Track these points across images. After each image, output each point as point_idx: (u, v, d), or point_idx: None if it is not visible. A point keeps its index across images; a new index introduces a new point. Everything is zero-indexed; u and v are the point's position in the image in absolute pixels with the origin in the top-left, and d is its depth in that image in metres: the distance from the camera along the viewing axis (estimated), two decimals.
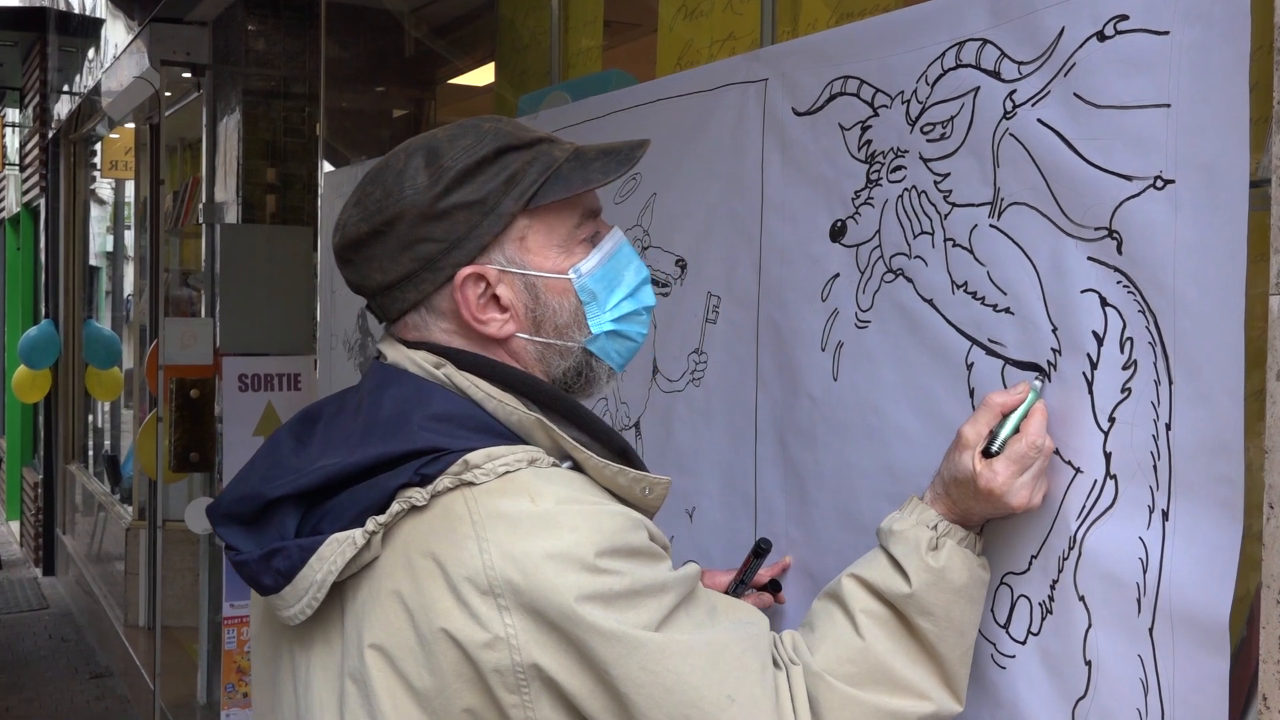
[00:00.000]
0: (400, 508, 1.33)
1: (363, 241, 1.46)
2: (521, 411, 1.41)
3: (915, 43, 1.70)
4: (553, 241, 1.47)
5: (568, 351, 1.49)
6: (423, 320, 1.47)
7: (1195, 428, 1.34)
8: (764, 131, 2.00)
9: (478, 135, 1.45)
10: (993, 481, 1.45)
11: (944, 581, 1.47)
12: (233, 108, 6.25)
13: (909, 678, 1.45)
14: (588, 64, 3.55)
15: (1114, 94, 1.41)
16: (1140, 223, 1.39)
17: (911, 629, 1.47)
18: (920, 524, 1.50)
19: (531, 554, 1.28)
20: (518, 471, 1.34)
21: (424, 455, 1.34)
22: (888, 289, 1.75)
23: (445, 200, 1.42)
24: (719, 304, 2.11)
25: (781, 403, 1.96)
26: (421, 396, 1.40)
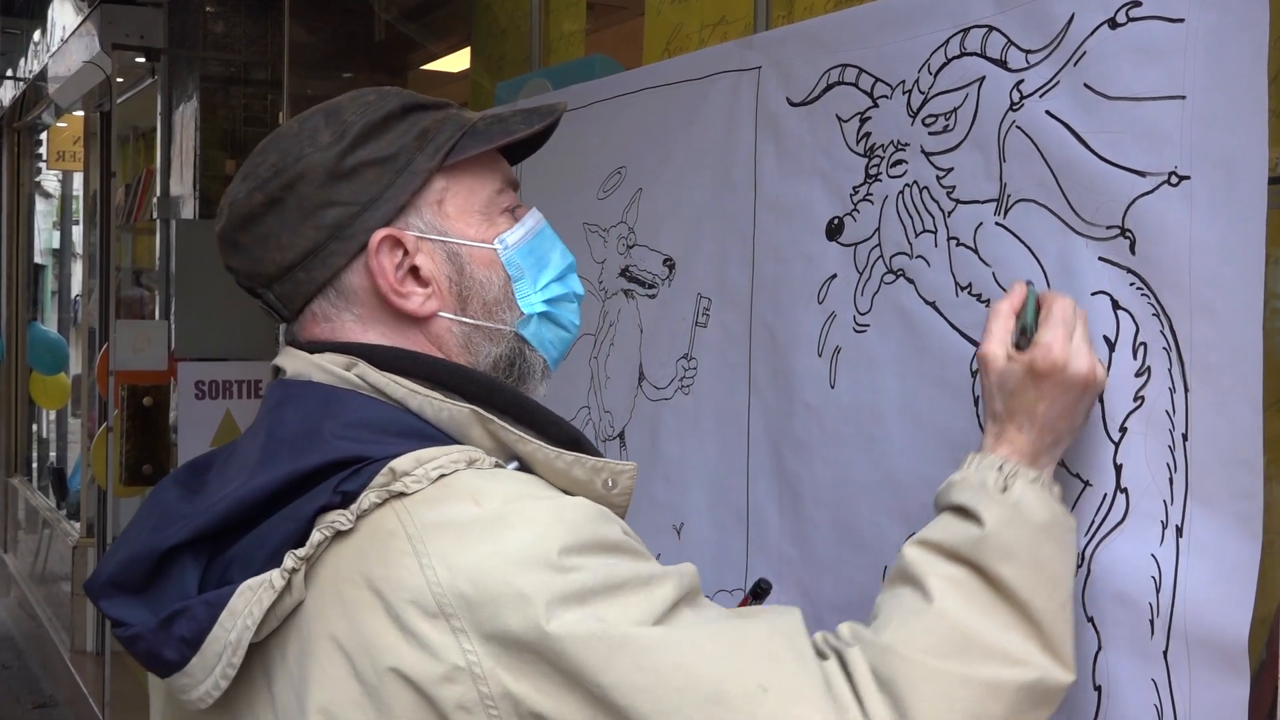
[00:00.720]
0: (322, 536, 1.21)
1: (255, 215, 1.37)
2: (453, 406, 1.32)
3: (917, 29, 1.72)
4: (473, 206, 1.42)
5: (498, 335, 1.42)
6: (331, 308, 1.39)
7: (1212, 438, 1.36)
8: (757, 123, 2.02)
9: (380, 94, 1.41)
10: (1050, 353, 1.37)
11: (1022, 517, 1.34)
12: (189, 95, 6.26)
13: (999, 642, 1.28)
14: (570, 49, 3.56)
15: (1126, 85, 1.43)
16: (1154, 221, 1.41)
17: (994, 583, 1.32)
18: (984, 468, 1.39)
19: (483, 562, 1.16)
20: (455, 474, 1.23)
21: (341, 468, 1.23)
22: (888, 290, 1.77)
23: (352, 156, 1.36)
24: (709, 306, 2.13)
25: (776, 411, 1.98)
26: (332, 405, 1.31)
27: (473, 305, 1.41)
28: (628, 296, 2.33)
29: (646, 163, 2.30)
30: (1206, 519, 1.36)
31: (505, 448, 1.33)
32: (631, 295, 2.32)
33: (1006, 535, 1.33)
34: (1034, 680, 1.28)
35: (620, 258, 2.35)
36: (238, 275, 1.43)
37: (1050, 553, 1.34)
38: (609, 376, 2.37)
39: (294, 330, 1.43)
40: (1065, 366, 1.38)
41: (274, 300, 1.41)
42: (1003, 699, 1.26)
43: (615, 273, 2.36)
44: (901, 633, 1.28)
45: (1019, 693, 1.27)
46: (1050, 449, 1.41)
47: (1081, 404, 1.42)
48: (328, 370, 1.35)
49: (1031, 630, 1.31)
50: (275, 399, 1.36)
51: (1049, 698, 1.30)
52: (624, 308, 2.34)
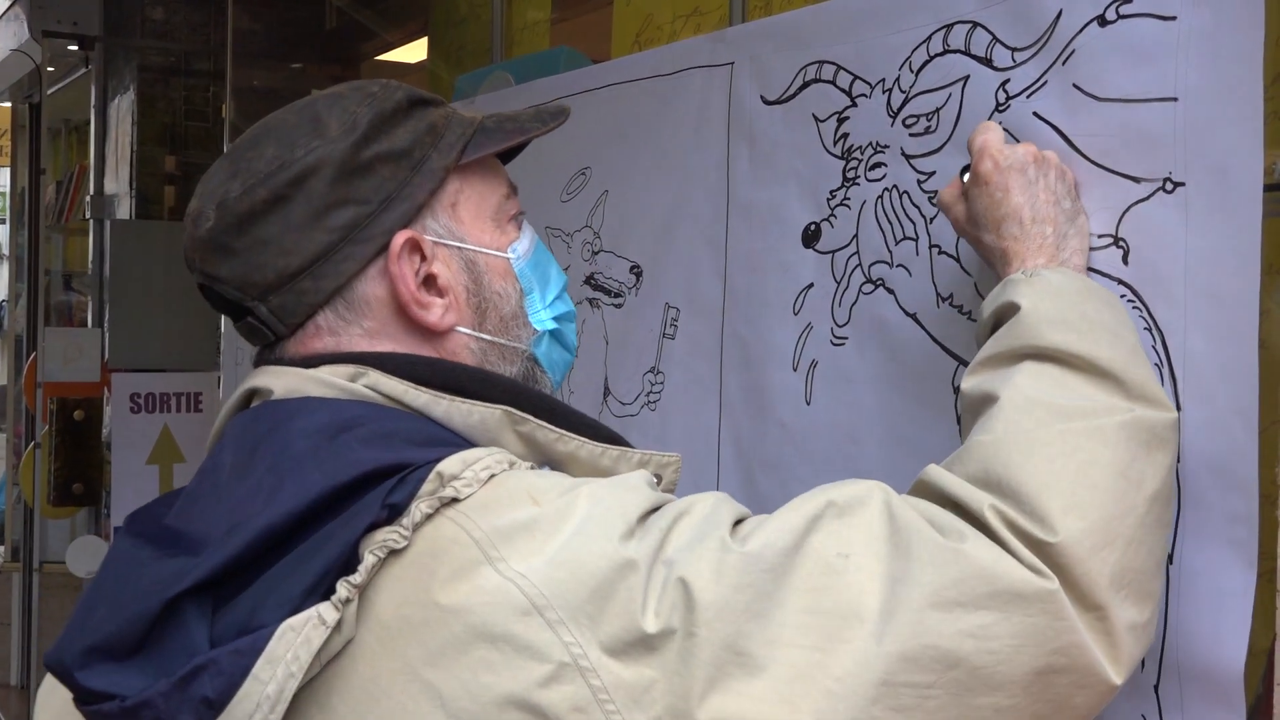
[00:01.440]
0: (376, 558, 1.14)
1: (254, 216, 1.31)
2: (483, 408, 1.29)
3: (898, 24, 1.73)
4: (484, 212, 1.41)
5: (512, 354, 1.42)
6: (339, 320, 1.34)
7: (1206, 460, 1.37)
8: (729, 122, 2.03)
9: (382, 85, 1.38)
10: (982, 148, 1.47)
11: (1054, 287, 1.38)
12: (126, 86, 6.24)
13: (1077, 401, 1.32)
14: (534, 40, 3.58)
15: (1117, 85, 1.45)
16: (1149, 229, 1.43)
17: (1051, 356, 1.35)
18: (1003, 284, 1.43)
19: (564, 546, 1.14)
20: (503, 474, 1.21)
21: (381, 479, 1.18)
22: (867, 301, 1.79)
23: (368, 149, 1.32)
24: (678, 317, 2.14)
25: (748, 429, 1.99)
26: (344, 418, 1.25)
27: (490, 319, 1.40)
28: (592, 306, 2.34)
29: (613, 163, 2.31)
30: (1199, 546, 1.38)
31: (540, 451, 1.32)
32: (596, 304, 2.33)
33: (1045, 305, 1.37)
34: (1130, 420, 1.30)
35: (585, 264, 2.36)
36: (223, 286, 1.35)
37: (1096, 308, 1.38)
38: (572, 391, 2.38)
39: (282, 348, 1.37)
40: (999, 149, 1.46)
41: (267, 314, 1.34)
42: (1107, 441, 1.29)
43: (579, 280, 2.37)
44: (976, 437, 1.33)
45: (1121, 432, 1.30)
46: (1060, 241, 1.45)
47: (1050, 181, 1.46)
48: (329, 383, 1.29)
49: (1108, 383, 1.33)
50: (268, 422, 1.27)
51: (1158, 436, 1.32)
52: (588, 317, 2.35)
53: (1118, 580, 1.24)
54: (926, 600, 1.17)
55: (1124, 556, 1.25)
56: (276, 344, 1.37)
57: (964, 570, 1.19)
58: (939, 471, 1.32)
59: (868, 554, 1.18)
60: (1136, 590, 1.26)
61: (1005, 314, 1.41)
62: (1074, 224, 1.47)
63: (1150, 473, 1.30)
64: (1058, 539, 1.22)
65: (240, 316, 1.37)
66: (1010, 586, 1.19)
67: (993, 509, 1.24)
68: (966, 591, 1.18)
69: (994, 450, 1.29)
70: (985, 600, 1.18)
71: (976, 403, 1.39)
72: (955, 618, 1.17)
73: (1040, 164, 1.46)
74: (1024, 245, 1.44)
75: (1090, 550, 1.23)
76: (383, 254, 1.33)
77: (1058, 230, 1.45)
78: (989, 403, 1.36)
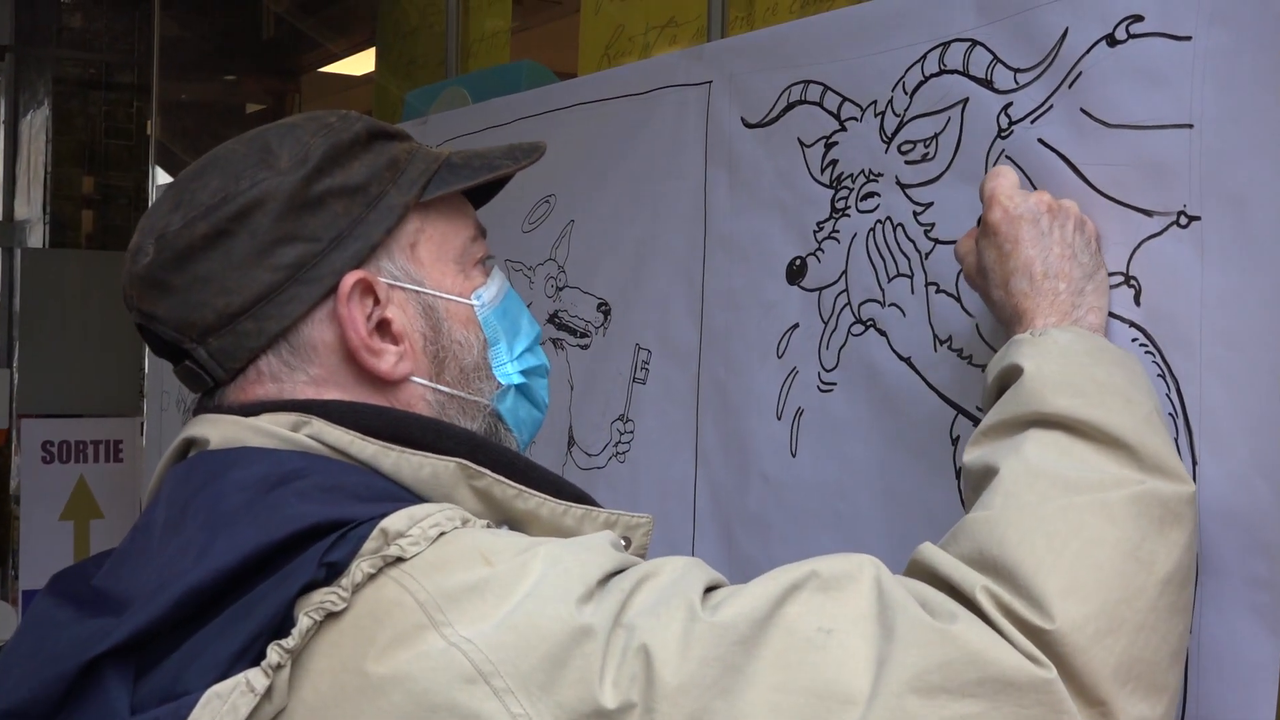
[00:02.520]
0: (312, 621, 1.15)
1: (194, 251, 1.33)
2: (435, 460, 1.31)
3: (890, 41, 1.76)
4: (447, 254, 1.43)
5: (473, 409, 1.43)
6: (282, 366, 1.37)
7: (1225, 520, 1.39)
8: (707, 147, 2.05)
9: (341, 116, 1.41)
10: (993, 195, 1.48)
11: (1061, 348, 1.39)
12: (40, 100, 6.24)
13: (1085, 472, 1.31)
14: (493, 52, 3.59)
15: (1128, 110, 1.48)
16: (1163, 267, 1.45)
17: (1057, 422, 1.35)
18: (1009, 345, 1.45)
19: (516, 609, 1.14)
20: (454, 532, 1.21)
21: (319, 536, 1.19)
22: (857, 344, 1.81)
23: (320, 183, 1.35)
24: (650, 359, 2.15)
25: (727, 484, 2.00)
26: (283, 471, 1.26)
27: (449, 370, 1.41)
28: (556, 347, 2.35)
29: (579, 190, 2.33)
30: (1219, 613, 1.39)
31: (498, 508, 1.33)
32: (560, 345, 2.34)
33: (1050, 368, 1.37)
34: (1142, 493, 1.29)
35: (548, 301, 2.37)
36: (160, 326, 1.37)
37: (1106, 371, 1.38)
38: (534, 441, 2.39)
39: (222, 395, 1.38)
40: (1012, 196, 1.47)
41: (206, 358, 1.36)
42: (1115, 518, 1.28)
43: (542, 318, 2.37)
44: (973, 513, 1.32)
45: (1131, 507, 1.29)
46: (1075, 298, 1.46)
47: (1068, 233, 1.47)
48: (269, 433, 1.31)
49: (1119, 453, 1.33)
50: (204, 474, 1.29)
51: (1173, 512, 1.31)
52: (552, 359, 2.35)
53: (1124, 672, 1.22)
54: (907, 684, 1.15)
55: (1132, 646, 1.23)
56: (216, 390, 1.39)
57: (951, 653, 1.17)
58: (932, 550, 1.31)
59: (854, 632, 1.18)
60: (1147, 683, 1.24)
61: (1009, 378, 1.42)
62: (1092, 280, 1.47)
63: (1163, 553, 1.28)
64: (1054, 625, 1.21)
65: (179, 360, 1.39)
66: (1002, 674, 1.18)
67: (985, 591, 1.23)
68: (953, 677, 1.16)
69: (989, 527, 1.29)
70: (973, 687, 1.17)
71: (978, 477, 1.39)
72: (939, 705, 1.16)
73: (1056, 213, 1.47)
74: (1034, 302, 1.45)
75: (1092, 638, 1.21)
76: (332, 296, 1.35)
77: (1072, 286, 1.46)
78: (990, 476, 1.35)
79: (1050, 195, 1.49)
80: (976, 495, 1.37)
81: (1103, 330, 1.47)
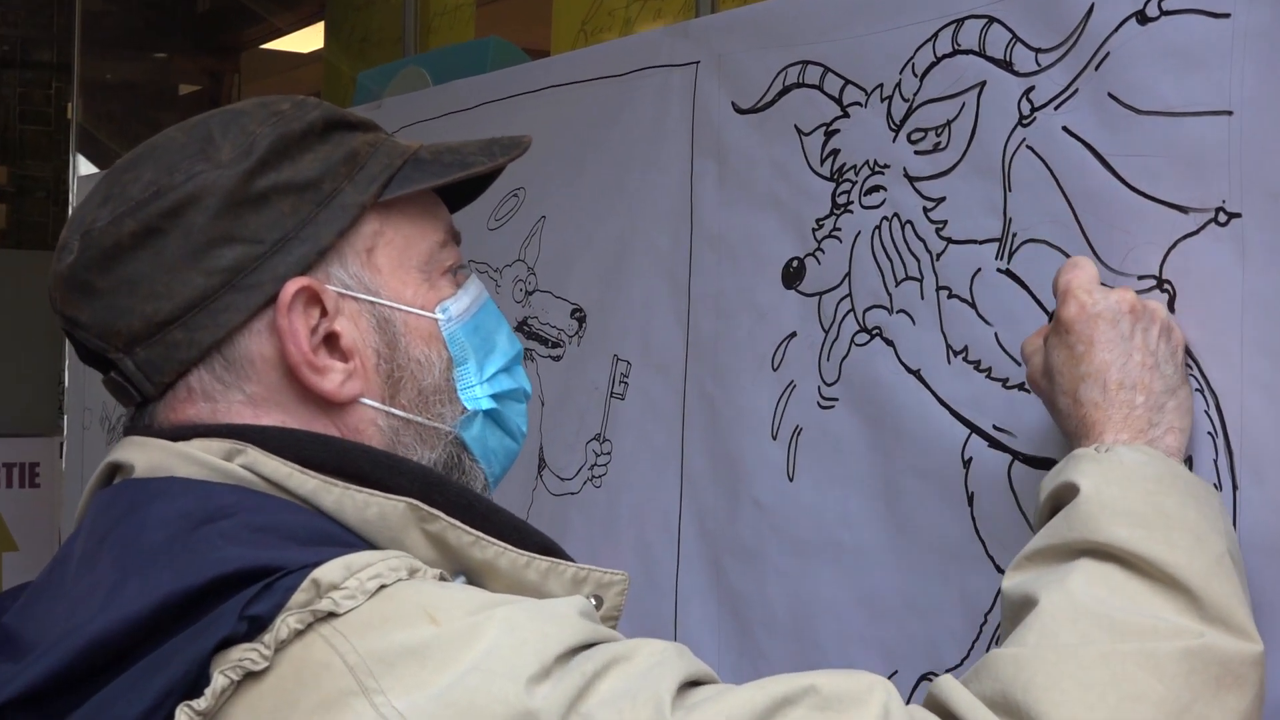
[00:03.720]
0: (228, 681, 1.14)
1: (122, 251, 1.33)
2: (381, 499, 1.29)
3: (898, 18, 1.77)
4: (410, 261, 1.42)
5: (433, 436, 1.41)
6: (215, 383, 1.35)
7: (1269, 553, 1.40)
8: (694, 135, 2.06)
9: (296, 103, 1.39)
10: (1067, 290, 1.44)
11: (1126, 470, 1.35)
12: None
13: (1138, 615, 1.27)
14: (456, 28, 3.59)
15: (1160, 96, 1.49)
16: (1199, 269, 1.46)
17: (1113, 555, 1.31)
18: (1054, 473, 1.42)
19: (461, 682, 1.12)
20: (397, 585, 1.19)
21: (242, 584, 1.17)
22: (861, 355, 1.81)
23: (262, 178, 1.33)
24: (629, 372, 2.16)
25: (716, 512, 2.01)
26: (211, 507, 1.25)
27: (405, 392, 1.39)
28: (526, 358, 2.35)
29: (551, 183, 2.33)
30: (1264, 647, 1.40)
31: (452, 557, 1.31)
32: (530, 356, 2.35)
33: (1111, 491, 1.34)
34: (1199, 647, 1.25)
35: (516, 307, 2.38)
36: (83, 333, 1.36)
37: (1177, 502, 1.34)
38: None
39: (152, 413, 1.37)
40: (1090, 291, 1.44)
41: (133, 370, 1.35)
42: (1163, 673, 1.23)
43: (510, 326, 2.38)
44: (1003, 648, 1.29)
45: (1183, 662, 1.24)
46: (1153, 415, 1.42)
47: (1152, 339, 1.44)
48: (199, 461, 1.29)
49: (1179, 597, 1.28)
50: (125, 505, 1.28)
51: (1232, 673, 1.26)
52: None
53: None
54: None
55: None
56: (147, 406, 1.38)
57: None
58: (951, 685, 1.27)
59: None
60: None
61: (1063, 497, 1.39)
62: (1174, 396, 1.44)
63: (1216, 719, 1.24)
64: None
65: (106, 370, 1.38)
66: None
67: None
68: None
69: (1017, 667, 1.25)
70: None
71: (1017, 607, 1.36)
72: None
73: (1140, 315, 1.44)
74: (1105, 414, 1.42)
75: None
76: (272, 305, 1.33)
77: (1151, 401, 1.42)
78: (1029, 607, 1.32)
79: (1135, 295, 1.45)
80: (1013, 627, 1.34)
81: (1180, 456, 1.43)
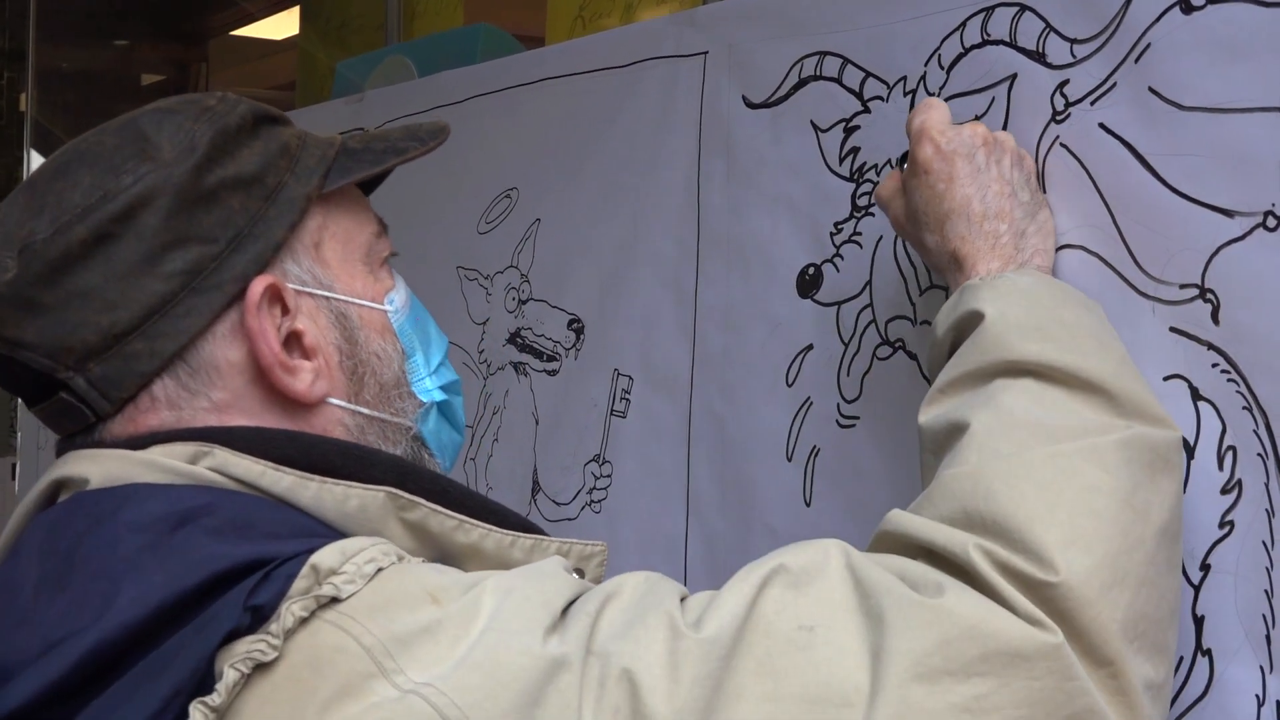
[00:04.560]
0: (239, 674, 1.18)
1: (71, 262, 1.35)
2: (360, 490, 1.35)
3: (923, 5, 1.77)
4: (353, 254, 1.49)
5: (395, 433, 1.49)
6: (181, 391, 1.39)
7: None
8: (701, 132, 2.07)
9: (219, 98, 1.44)
10: (919, 130, 1.57)
11: (1020, 289, 1.49)
12: None
13: (1065, 419, 1.40)
14: (443, 14, 3.60)
15: (1205, 91, 1.49)
16: (1246, 279, 1.46)
17: (1026, 369, 1.44)
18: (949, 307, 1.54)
19: (476, 645, 1.18)
20: (392, 568, 1.25)
21: (242, 577, 1.22)
22: (883, 369, 1.82)
23: (211, 174, 1.38)
24: (631, 388, 2.17)
25: (726, 539, 2.01)
26: (185, 507, 1.28)
27: (368, 388, 1.47)
28: (519, 372, 2.36)
29: (547, 184, 2.34)
30: None
31: (434, 543, 1.37)
32: (524, 370, 2.35)
33: (1015, 312, 1.47)
34: (1130, 438, 1.38)
35: (509, 317, 2.39)
36: (28, 354, 1.38)
37: (1077, 313, 1.49)
38: (490, 486, 2.39)
39: (103, 430, 1.41)
40: (944, 130, 1.57)
41: (86, 388, 1.38)
42: (1106, 464, 1.35)
43: (502, 338, 2.39)
44: (946, 471, 1.40)
45: (1120, 452, 1.37)
46: (1017, 240, 1.56)
47: (1005, 169, 1.57)
48: (163, 467, 1.33)
49: (1097, 398, 1.42)
50: (86, 518, 1.31)
51: (1162, 458, 1.39)
52: (513, 388, 2.37)
53: (1131, 628, 1.29)
54: (908, 672, 1.20)
55: (1135, 600, 1.31)
56: (94, 426, 1.40)
57: (947, 630, 1.22)
58: (904, 517, 1.38)
59: (837, 626, 1.24)
60: (1151, 642, 1.32)
61: (966, 326, 1.51)
62: (1034, 220, 1.58)
63: (1156, 501, 1.36)
64: (1060, 578, 1.27)
65: (47, 395, 1.40)
66: (1007, 645, 1.23)
67: (978, 549, 1.29)
68: (954, 656, 1.22)
69: (971, 484, 1.36)
70: (977, 665, 1.22)
71: (941, 437, 1.47)
72: (945, 690, 1.21)
73: (992, 148, 1.57)
74: (973, 246, 1.54)
75: (1099, 591, 1.28)
76: (234, 306, 1.39)
77: (1014, 227, 1.56)
78: (958, 433, 1.43)
79: (985, 128, 1.58)
80: (939, 458, 1.45)
81: (1050, 273, 1.57)
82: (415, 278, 1.57)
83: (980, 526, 1.32)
